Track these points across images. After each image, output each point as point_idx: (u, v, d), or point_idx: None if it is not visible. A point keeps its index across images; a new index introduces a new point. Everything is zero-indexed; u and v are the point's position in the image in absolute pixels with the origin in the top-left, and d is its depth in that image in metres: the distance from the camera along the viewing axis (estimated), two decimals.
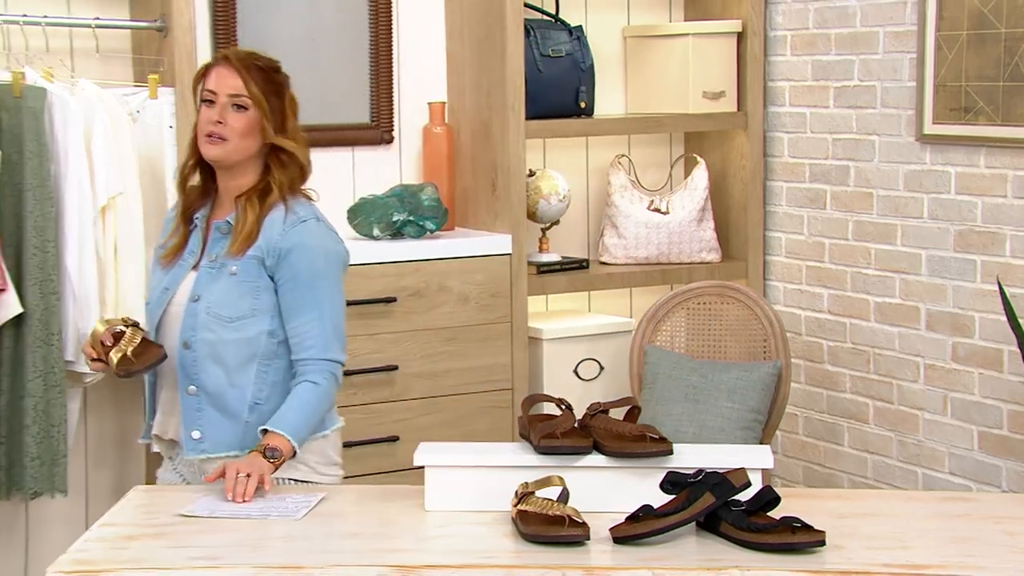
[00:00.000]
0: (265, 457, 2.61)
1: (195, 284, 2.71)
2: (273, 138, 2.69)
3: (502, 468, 2.63)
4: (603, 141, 4.42)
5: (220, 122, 2.65)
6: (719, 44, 4.30)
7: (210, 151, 2.67)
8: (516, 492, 2.54)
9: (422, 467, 2.67)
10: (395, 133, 4.16)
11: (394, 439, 3.85)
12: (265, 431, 2.67)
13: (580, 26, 4.27)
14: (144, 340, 2.69)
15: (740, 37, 4.30)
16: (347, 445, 3.79)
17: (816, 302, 4.21)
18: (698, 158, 4.37)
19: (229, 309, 2.68)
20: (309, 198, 2.81)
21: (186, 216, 2.77)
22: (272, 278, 2.70)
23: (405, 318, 3.87)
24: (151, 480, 3.68)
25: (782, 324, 3.92)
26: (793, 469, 4.26)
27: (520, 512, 2.50)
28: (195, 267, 2.74)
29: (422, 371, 3.90)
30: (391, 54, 4.11)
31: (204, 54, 3.78)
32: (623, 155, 4.38)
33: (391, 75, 4.12)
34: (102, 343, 2.67)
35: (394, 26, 4.10)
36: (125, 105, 3.52)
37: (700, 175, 4.33)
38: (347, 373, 3.77)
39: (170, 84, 3.56)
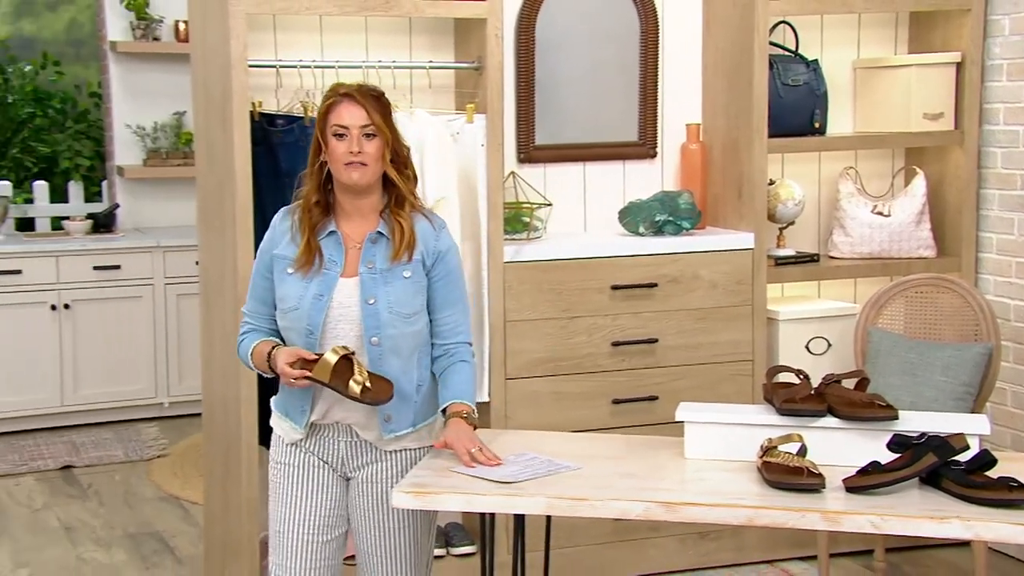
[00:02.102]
0: (470, 423, 2.52)
1: (364, 288, 2.49)
2: (388, 167, 2.51)
3: (750, 426, 2.59)
4: (833, 155, 4.28)
5: (359, 151, 2.46)
6: (940, 72, 4.09)
7: (353, 177, 2.47)
8: (761, 446, 2.50)
9: (681, 422, 2.65)
10: (658, 149, 4.13)
11: (654, 398, 3.83)
12: (445, 409, 2.56)
13: (816, 60, 4.15)
14: (370, 372, 2.47)
15: (959, 66, 4.08)
16: (615, 402, 3.84)
17: None
18: (917, 169, 4.18)
19: (407, 307, 2.50)
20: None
21: (314, 231, 2.53)
22: (427, 275, 2.56)
23: (664, 300, 3.85)
24: None
25: (993, 311, 3.70)
26: (1002, 436, 4.02)
27: (765, 463, 2.46)
28: (343, 274, 2.51)
29: (677, 344, 3.87)
30: (656, 85, 4.08)
31: (510, 87, 3.85)
32: (851, 167, 4.24)
33: (656, 102, 4.09)
34: (335, 368, 2.42)
35: (659, 61, 4.07)
36: (448, 128, 3.59)
37: (919, 184, 4.15)
38: (616, 343, 3.83)
39: (483, 111, 3.62)
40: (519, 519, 2.65)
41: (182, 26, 5.97)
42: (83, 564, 4.11)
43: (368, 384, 2.43)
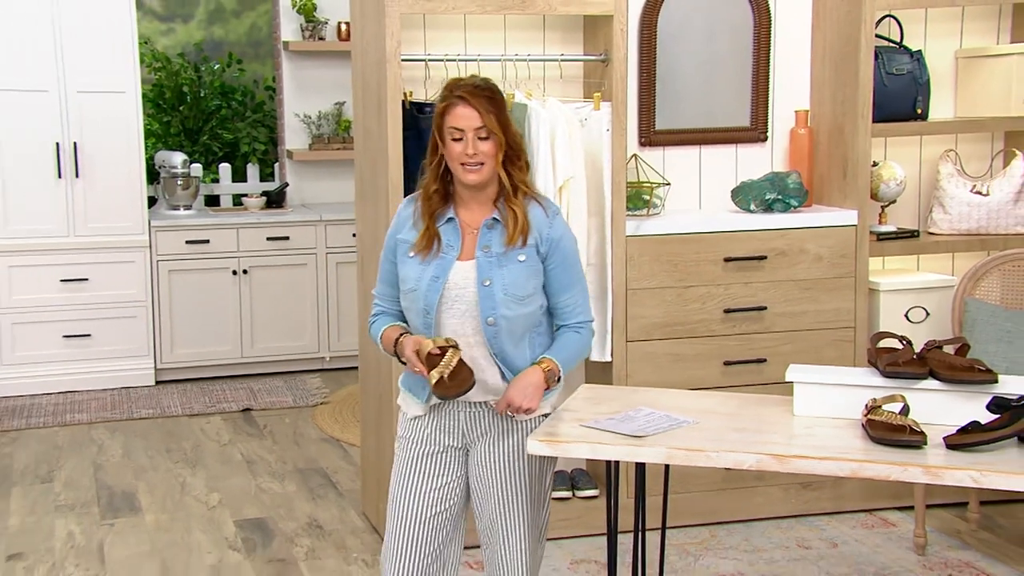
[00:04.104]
0: (545, 375, 2.36)
1: (480, 271, 2.35)
2: (500, 169, 2.36)
3: (856, 387, 2.49)
4: (934, 139, 4.09)
5: (474, 153, 2.33)
6: None
7: (471, 178, 2.35)
8: (866, 405, 2.41)
9: (790, 382, 2.57)
10: (768, 133, 4.00)
11: (762, 360, 3.74)
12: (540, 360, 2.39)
13: (920, 50, 3.95)
14: (460, 362, 2.29)
15: None
16: (726, 364, 3.75)
17: None
18: (1017, 151, 3.96)
19: (521, 290, 2.35)
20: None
21: (433, 218, 2.41)
22: (543, 261, 2.40)
23: (773, 271, 3.74)
24: (596, 378, 3.76)
25: None
26: None
27: (869, 420, 2.36)
28: (459, 258, 2.38)
29: (784, 311, 3.76)
30: (768, 74, 3.94)
31: (633, 77, 3.78)
32: (951, 149, 4.03)
33: (767, 90, 3.95)
34: (429, 354, 2.30)
35: (771, 53, 3.94)
36: (577, 115, 3.54)
37: (1018, 165, 3.92)
38: (728, 311, 3.74)
39: (608, 99, 3.56)
40: (640, 467, 2.61)
41: (344, 26, 6.05)
42: (262, 493, 4.24)
43: (445, 377, 2.26)
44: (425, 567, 2.42)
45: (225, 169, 6.53)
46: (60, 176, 5.46)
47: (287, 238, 5.82)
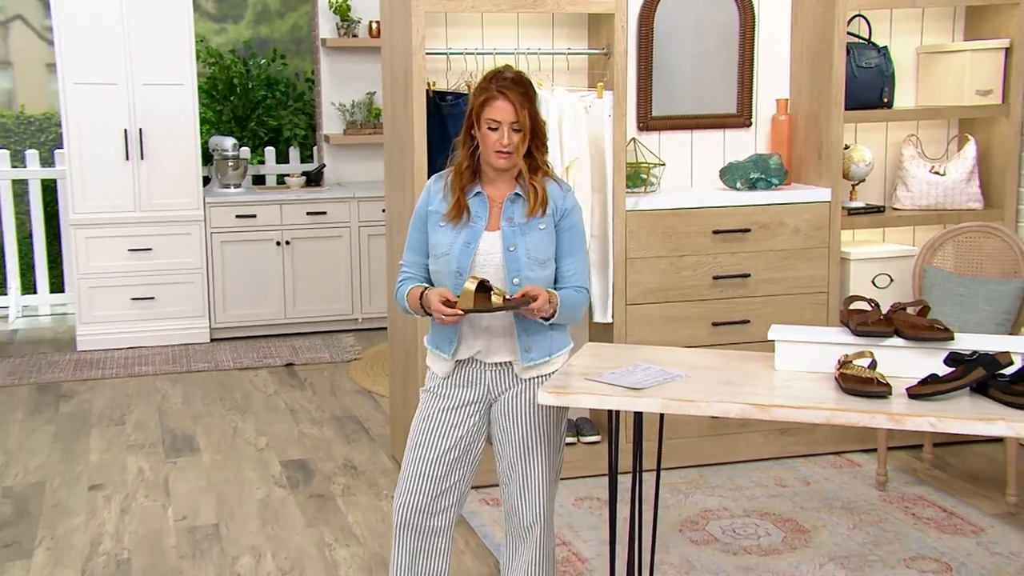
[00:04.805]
0: (550, 299, 2.33)
1: (505, 238, 2.35)
2: (521, 161, 2.34)
3: (829, 344, 2.48)
4: (898, 125, 4.05)
5: (508, 143, 2.32)
6: (991, 56, 3.82)
7: (502, 164, 2.34)
8: (838, 360, 2.39)
9: (770, 340, 2.55)
10: (752, 119, 3.96)
11: (746, 322, 3.73)
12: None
13: (886, 46, 3.91)
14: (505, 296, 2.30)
15: (1008, 51, 3.81)
16: (714, 324, 3.72)
17: None
18: (969, 136, 3.93)
19: (542, 254, 2.36)
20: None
21: (463, 191, 2.38)
22: (555, 227, 2.39)
23: (756, 242, 3.72)
24: (598, 337, 3.75)
25: None
26: None
27: (841, 374, 2.35)
28: (487, 228, 2.36)
29: (766, 278, 3.74)
30: (752, 67, 3.90)
31: (632, 69, 3.74)
32: (913, 135, 4.00)
33: (751, 81, 3.91)
34: (476, 297, 2.26)
35: (755, 48, 3.90)
36: (582, 102, 3.51)
37: (970, 148, 3.89)
38: (716, 277, 3.72)
39: (610, 89, 3.53)
40: (638, 415, 2.61)
41: (375, 25, 5.99)
42: (304, 437, 4.26)
43: (507, 296, 2.28)
44: (431, 499, 2.40)
45: (270, 152, 6.51)
46: (128, 159, 5.46)
47: (324, 213, 5.80)
